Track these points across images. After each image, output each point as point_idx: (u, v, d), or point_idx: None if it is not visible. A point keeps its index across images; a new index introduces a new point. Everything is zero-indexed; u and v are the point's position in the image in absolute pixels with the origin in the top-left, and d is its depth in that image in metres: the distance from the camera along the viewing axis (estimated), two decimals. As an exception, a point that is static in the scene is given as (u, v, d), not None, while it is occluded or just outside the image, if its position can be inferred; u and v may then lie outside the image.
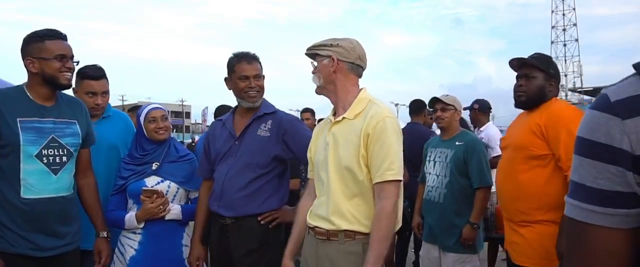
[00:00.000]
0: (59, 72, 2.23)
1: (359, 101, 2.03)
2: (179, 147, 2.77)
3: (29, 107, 2.22)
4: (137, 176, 2.60)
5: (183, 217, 2.65)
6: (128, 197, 2.63)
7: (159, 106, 2.73)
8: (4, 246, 2.14)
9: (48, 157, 2.22)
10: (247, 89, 2.49)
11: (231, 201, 2.45)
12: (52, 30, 2.29)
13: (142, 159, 2.63)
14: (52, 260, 2.25)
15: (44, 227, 2.21)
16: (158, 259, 2.56)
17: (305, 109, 5.86)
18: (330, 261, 1.97)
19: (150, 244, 2.56)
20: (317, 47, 2.07)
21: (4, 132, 2.14)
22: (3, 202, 2.15)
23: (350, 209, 1.95)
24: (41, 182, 2.19)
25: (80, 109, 2.43)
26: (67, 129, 2.31)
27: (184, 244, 2.67)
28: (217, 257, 2.57)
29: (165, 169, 2.63)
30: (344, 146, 1.98)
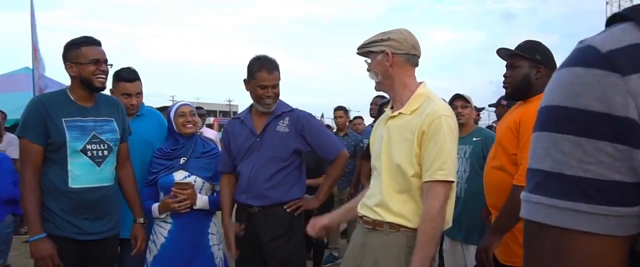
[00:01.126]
0: (93, 75, 2.46)
1: (417, 97, 2.01)
2: (205, 143, 2.96)
3: (72, 108, 2.48)
4: (166, 170, 2.81)
5: (210, 207, 2.85)
6: (159, 190, 2.83)
7: (188, 103, 2.94)
8: (52, 230, 2.39)
9: (92, 151, 2.47)
10: (265, 97, 2.70)
11: (259, 191, 2.68)
12: (88, 38, 2.53)
13: (171, 154, 2.83)
14: (94, 244, 2.50)
15: (88, 214, 2.46)
16: (187, 246, 2.76)
17: (338, 107, 5.97)
18: (374, 250, 2.00)
19: (179, 232, 2.77)
20: (368, 44, 2.06)
21: (52, 131, 2.40)
22: (53, 191, 2.41)
23: (397, 203, 1.96)
24: (86, 174, 2.45)
25: (117, 107, 2.66)
26: (106, 126, 2.55)
27: (210, 233, 2.86)
28: (245, 242, 2.77)
29: (191, 164, 2.82)
30: (397, 142, 1.98)
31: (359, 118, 6.80)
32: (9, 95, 10.70)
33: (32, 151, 2.41)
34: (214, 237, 2.87)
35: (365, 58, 2.11)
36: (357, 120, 6.65)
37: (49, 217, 2.40)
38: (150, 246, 2.82)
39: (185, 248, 2.76)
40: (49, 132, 2.41)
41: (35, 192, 2.39)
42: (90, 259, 2.52)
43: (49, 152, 2.43)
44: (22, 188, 2.41)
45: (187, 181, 2.78)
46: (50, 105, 2.45)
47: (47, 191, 2.42)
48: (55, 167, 2.43)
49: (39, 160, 2.42)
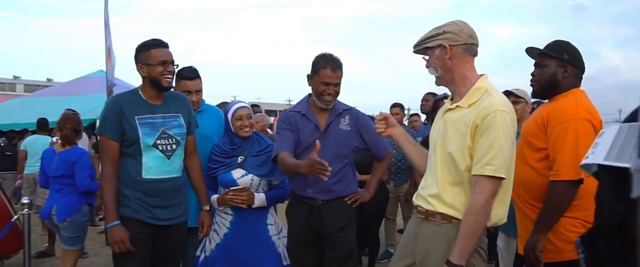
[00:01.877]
0: (161, 75, 2.64)
1: (475, 90, 1.99)
2: (261, 141, 3.08)
3: (143, 107, 2.68)
4: (225, 167, 2.96)
5: (268, 204, 2.99)
6: (219, 185, 3.00)
7: (245, 105, 3.05)
8: (130, 213, 2.62)
9: (162, 145, 2.67)
10: (326, 94, 2.84)
11: (326, 186, 2.84)
12: (156, 40, 2.71)
13: (230, 153, 2.98)
14: (164, 230, 2.70)
15: (160, 201, 2.67)
16: (247, 236, 2.91)
17: (395, 104, 5.98)
18: (425, 240, 2.02)
19: (239, 224, 2.92)
20: (424, 41, 2.07)
21: (126, 129, 2.62)
22: (129, 181, 2.64)
23: (450, 195, 1.97)
24: (158, 166, 2.66)
25: (183, 103, 2.84)
26: (173, 122, 2.73)
27: (268, 223, 2.99)
28: (303, 234, 2.92)
29: (249, 163, 2.96)
30: (452, 134, 1.98)
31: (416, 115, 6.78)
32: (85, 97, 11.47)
33: (109, 147, 2.64)
34: (272, 228, 3.00)
35: (422, 55, 2.11)
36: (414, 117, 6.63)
37: (127, 202, 2.63)
38: (212, 235, 2.98)
39: (247, 239, 2.91)
40: (124, 130, 2.62)
41: (113, 184, 2.62)
42: (160, 244, 2.72)
43: (124, 147, 2.65)
44: (102, 180, 2.65)
45: (244, 179, 2.92)
46: (124, 104, 2.66)
47: (124, 181, 2.65)
48: (131, 160, 2.65)
49: (116, 155, 2.65)
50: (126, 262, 2.61)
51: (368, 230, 4.98)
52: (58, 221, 3.94)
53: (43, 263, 5.38)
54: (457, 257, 1.86)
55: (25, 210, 3.89)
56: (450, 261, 1.87)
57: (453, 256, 1.87)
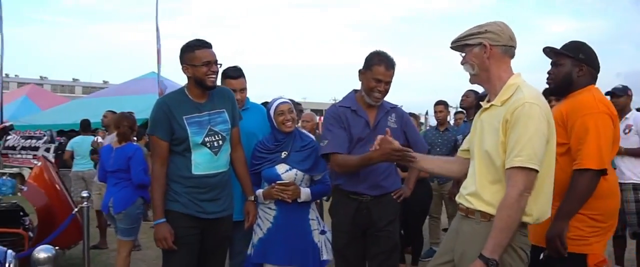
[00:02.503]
0: (205, 75, 2.72)
1: (508, 87, 2.01)
2: (303, 136, 3.15)
3: (190, 106, 2.78)
4: (269, 163, 3.04)
5: (312, 198, 3.06)
6: (263, 180, 3.08)
7: (286, 100, 3.11)
8: (180, 208, 2.74)
9: (210, 143, 2.78)
10: (376, 90, 2.89)
11: (376, 183, 2.95)
12: (200, 41, 2.78)
13: (273, 149, 3.06)
14: (210, 224, 2.81)
15: (208, 196, 2.78)
16: (289, 230, 2.98)
17: (439, 101, 5.95)
18: (464, 237, 2.05)
19: (283, 218, 3.00)
20: (465, 37, 2.08)
21: (175, 129, 2.73)
22: (179, 177, 2.76)
23: (489, 193, 1.98)
24: (206, 162, 2.77)
25: (227, 97, 2.92)
26: (218, 118, 2.82)
27: (310, 218, 3.06)
28: (350, 231, 2.98)
29: (292, 158, 3.03)
30: (488, 133, 2.01)
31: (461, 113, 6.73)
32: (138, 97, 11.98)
33: (160, 147, 2.75)
34: (314, 223, 3.07)
35: (460, 52, 2.14)
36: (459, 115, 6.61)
37: (177, 197, 2.75)
38: (255, 229, 3.07)
39: (290, 233, 2.98)
40: (173, 130, 2.73)
41: (162, 183, 2.74)
42: (208, 237, 2.84)
43: (174, 146, 2.76)
44: (152, 179, 2.78)
45: (288, 174, 2.99)
46: (172, 105, 2.76)
47: (174, 177, 2.76)
48: (181, 157, 2.77)
49: (166, 154, 2.76)
50: (174, 254, 2.73)
51: (411, 227, 5.00)
52: (114, 213, 4.18)
53: (99, 254, 5.68)
54: (490, 251, 1.86)
55: (84, 203, 4.14)
56: (482, 255, 1.88)
57: (486, 249, 1.88)
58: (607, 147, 2.32)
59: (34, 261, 1.95)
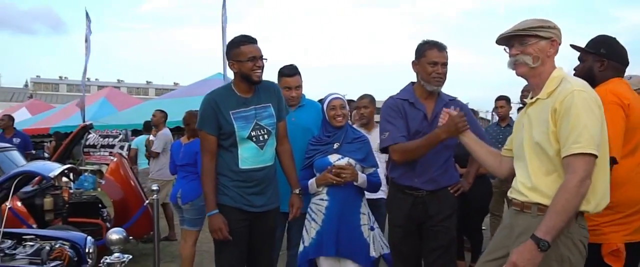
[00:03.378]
0: (251, 71, 2.78)
1: (552, 80, 2.05)
2: (355, 131, 3.24)
3: (236, 101, 2.85)
4: (321, 153, 3.13)
5: (368, 187, 3.12)
6: (314, 171, 3.17)
7: (338, 96, 3.19)
8: (228, 201, 2.85)
9: (256, 137, 2.84)
10: (435, 74, 2.85)
11: (432, 177, 2.91)
12: (246, 36, 2.84)
13: (326, 140, 3.16)
14: (258, 216, 2.90)
15: (254, 189, 2.86)
16: (341, 221, 3.05)
17: (500, 96, 5.83)
18: (522, 232, 2.02)
19: (334, 209, 3.06)
20: (536, 28, 2.07)
21: (222, 123, 2.81)
22: (228, 171, 2.86)
23: (545, 185, 1.98)
24: (253, 156, 2.85)
25: (273, 91, 2.97)
26: (264, 113, 2.88)
27: (361, 212, 3.11)
28: (405, 226, 2.99)
29: (344, 148, 3.11)
30: (536, 125, 2.03)
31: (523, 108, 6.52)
32: (204, 98, 12.49)
33: (208, 141, 2.85)
34: (364, 217, 3.12)
35: (506, 44, 2.15)
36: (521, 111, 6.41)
37: (226, 191, 2.86)
38: (307, 225, 3.15)
39: (341, 224, 3.05)
40: (221, 124, 2.81)
41: (212, 176, 2.84)
42: (256, 228, 2.94)
43: (222, 141, 2.85)
44: (201, 172, 2.90)
45: (341, 162, 3.06)
46: (219, 100, 2.83)
47: (223, 171, 2.86)
48: (228, 152, 2.85)
49: (214, 148, 2.84)
50: (226, 245, 2.85)
51: (471, 224, 4.94)
52: (182, 204, 4.45)
53: (168, 246, 6.03)
54: (544, 233, 1.85)
55: (154, 196, 4.43)
56: (535, 235, 1.86)
57: (539, 230, 1.86)
58: (614, 136, 2.24)
59: (107, 241, 2.16)
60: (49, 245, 3.00)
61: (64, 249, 2.99)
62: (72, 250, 3.06)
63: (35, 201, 4.77)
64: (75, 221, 4.82)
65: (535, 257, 1.86)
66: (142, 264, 5.23)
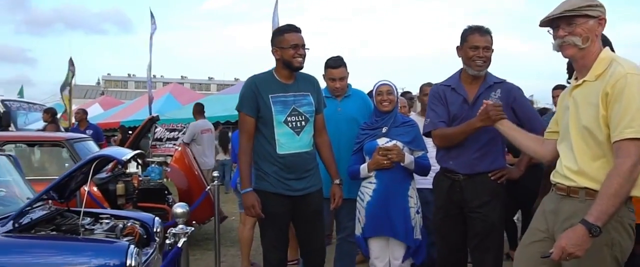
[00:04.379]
0: (292, 58, 2.89)
1: (600, 62, 1.99)
2: (403, 116, 3.37)
3: (276, 86, 2.96)
4: (370, 137, 3.28)
5: (416, 168, 3.24)
6: (364, 155, 3.32)
7: (387, 82, 3.31)
8: (268, 187, 2.96)
9: (292, 122, 2.93)
10: (475, 58, 2.89)
11: (468, 161, 2.92)
12: (290, 25, 2.97)
13: (375, 125, 3.31)
14: (300, 199, 3.00)
15: (293, 175, 2.96)
16: (388, 204, 3.19)
17: (557, 86, 5.71)
18: (568, 217, 1.99)
19: (382, 191, 3.20)
20: (584, 7, 2.00)
21: (261, 107, 2.92)
22: (266, 156, 2.96)
23: (593, 169, 1.95)
24: (289, 142, 2.94)
25: (313, 83, 3.09)
26: (303, 100, 2.99)
27: (409, 195, 3.23)
28: (445, 207, 3.05)
29: (392, 132, 3.25)
30: (584, 109, 1.97)
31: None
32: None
33: (246, 122, 2.96)
34: (412, 200, 3.24)
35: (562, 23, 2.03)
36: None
37: (266, 177, 2.96)
38: (358, 207, 3.32)
39: (390, 205, 3.19)
40: (259, 107, 2.91)
41: (249, 156, 2.96)
42: (299, 212, 3.04)
43: (261, 125, 2.94)
44: (239, 152, 3.02)
45: (388, 145, 3.20)
46: (260, 84, 2.95)
47: (262, 156, 2.96)
48: (266, 136, 2.94)
49: (252, 129, 2.95)
50: (267, 228, 3.02)
51: (524, 213, 4.89)
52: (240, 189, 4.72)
53: (229, 231, 6.37)
54: (595, 218, 1.82)
55: (214, 183, 4.74)
56: (586, 220, 1.83)
57: (590, 215, 1.83)
58: None
59: (173, 214, 2.42)
60: (122, 223, 3.34)
61: (135, 227, 3.32)
62: (142, 228, 3.40)
63: (108, 187, 5.20)
64: (144, 206, 5.23)
65: (585, 243, 1.83)
66: (204, 247, 5.59)
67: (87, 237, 3.04)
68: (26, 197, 3.36)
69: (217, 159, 9.96)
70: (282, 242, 3.07)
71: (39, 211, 3.21)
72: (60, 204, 3.51)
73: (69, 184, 3.42)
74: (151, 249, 3.27)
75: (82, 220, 3.20)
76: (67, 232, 3.10)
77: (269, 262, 3.06)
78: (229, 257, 5.32)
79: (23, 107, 10.10)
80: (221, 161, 10.06)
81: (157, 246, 3.43)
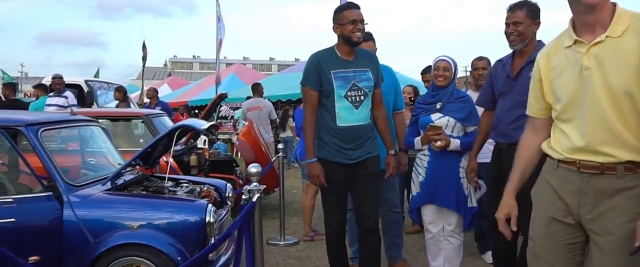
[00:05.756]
0: (351, 33, 3.05)
1: (620, 16, 1.80)
2: (460, 92, 3.53)
3: (338, 62, 3.14)
4: (425, 112, 3.48)
5: (461, 148, 3.42)
6: (418, 127, 3.52)
7: (445, 58, 3.47)
8: (328, 156, 3.18)
9: (352, 97, 3.12)
10: (508, 34, 3.06)
11: (504, 131, 3.10)
12: (350, 3, 3.16)
13: (430, 100, 3.50)
14: (357, 164, 3.19)
15: (351, 146, 3.16)
16: (440, 176, 3.41)
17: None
18: (603, 196, 1.81)
19: (435, 164, 3.43)
20: None
21: (324, 82, 3.11)
22: (327, 127, 3.16)
23: (631, 139, 1.76)
24: (348, 115, 3.13)
25: (372, 59, 3.27)
26: (363, 76, 3.16)
27: (461, 166, 3.44)
28: (493, 173, 3.26)
29: (447, 108, 3.42)
30: (617, 69, 1.76)
31: None
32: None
33: (310, 96, 3.16)
34: (462, 171, 3.44)
35: None
36: None
37: (326, 146, 3.18)
38: (413, 177, 3.56)
39: (441, 178, 3.41)
40: (322, 82, 3.11)
41: (313, 128, 3.17)
42: (356, 176, 3.22)
43: (322, 97, 3.14)
44: (304, 124, 3.24)
45: (441, 120, 3.39)
46: (322, 59, 3.14)
47: (323, 128, 3.18)
48: (327, 109, 3.14)
49: (315, 102, 3.16)
50: (328, 194, 3.25)
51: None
52: (301, 160, 5.07)
53: (291, 203, 6.75)
54: None
55: (279, 154, 5.10)
56: None
57: None
58: None
59: (247, 173, 2.75)
60: (199, 187, 3.75)
61: (211, 191, 3.72)
62: (216, 193, 3.79)
63: (183, 158, 5.68)
64: (214, 176, 5.66)
65: None
66: (269, 216, 5.99)
67: (171, 196, 3.46)
68: (117, 162, 3.83)
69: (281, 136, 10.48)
70: (341, 207, 3.30)
71: (129, 174, 3.67)
72: (145, 170, 3.96)
73: (153, 152, 3.85)
74: (224, 211, 3.65)
75: (166, 183, 3.63)
76: (154, 192, 3.53)
77: (329, 224, 3.33)
78: (292, 225, 5.69)
79: (103, 87, 10.95)
80: (283, 137, 10.49)
81: (229, 209, 3.81)
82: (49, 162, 3.04)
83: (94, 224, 3.00)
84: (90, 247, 2.97)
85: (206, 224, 3.06)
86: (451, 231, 3.45)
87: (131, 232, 2.98)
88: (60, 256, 2.97)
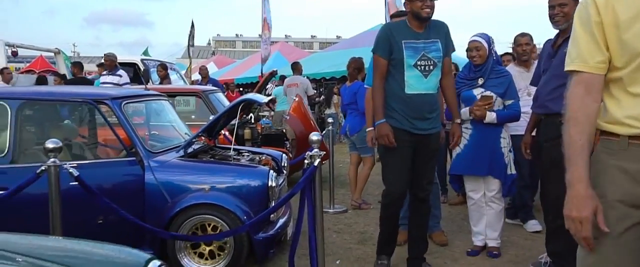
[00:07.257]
0: (420, 9, 3.17)
1: None
2: (500, 68, 3.74)
3: (408, 33, 3.25)
4: (467, 87, 3.72)
5: (498, 120, 3.64)
6: (461, 101, 3.74)
7: (475, 38, 3.68)
8: (394, 123, 3.25)
9: (421, 66, 3.22)
10: (554, 16, 3.18)
11: (542, 103, 3.29)
12: None
13: (472, 76, 3.73)
14: (422, 138, 3.30)
15: (418, 114, 3.25)
16: (484, 147, 3.67)
17: None
18: None
19: (477, 135, 3.69)
20: None
21: (394, 50, 3.22)
22: (395, 95, 3.26)
23: None
24: (417, 83, 3.23)
25: (442, 29, 3.33)
26: (432, 46, 3.25)
27: (502, 137, 3.69)
28: (533, 142, 3.50)
29: (487, 83, 3.66)
30: None
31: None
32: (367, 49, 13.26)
33: (380, 63, 3.27)
34: (504, 141, 3.70)
35: None
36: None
37: (393, 114, 3.27)
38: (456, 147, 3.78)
39: (483, 149, 3.67)
40: (392, 50, 3.23)
41: (381, 93, 3.28)
42: (419, 149, 3.33)
43: (391, 66, 3.25)
44: (373, 90, 3.37)
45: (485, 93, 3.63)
46: (394, 30, 3.29)
47: (391, 95, 3.27)
48: (396, 78, 3.25)
49: (384, 70, 3.27)
50: (389, 160, 3.35)
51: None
52: (350, 135, 5.37)
53: (339, 177, 7.08)
54: None
55: (329, 127, 5.40)
56: None
57: None
58: None
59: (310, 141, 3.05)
60: (259, 157, 4.12)
61: (269, 159, 4.08)
62: (274, 162, 4.15)
63: (238, 132, 6.07)
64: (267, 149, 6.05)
65: None
66: (318, 186, 6.34)
67: (237, 163, 3.84)
68: (184, 132, 4.23)
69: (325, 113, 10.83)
70: (404, 175, 3.32)
71: (196, 144, 4.07)
72: (209, 141, 4.35)
73: (216, 125, 4.24)
74: (281, 178, 4.01)
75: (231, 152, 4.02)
76: (220, 159, 3.92)
77: (390, 194, 3.36)
78: (340, 195, 6.04)
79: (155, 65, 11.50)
80: (328, 114, 10.80)
81: (286, 177, 4.16)
82: (131, 131, 3.46)
83: (171, 186, 3.42)
84: (167, 206, 3.39)
85: (269, 188, 3.43)
86: (492, 197, 3.71)
87: (203, 193, 3.38)
88: (142, 213, 3.40)
